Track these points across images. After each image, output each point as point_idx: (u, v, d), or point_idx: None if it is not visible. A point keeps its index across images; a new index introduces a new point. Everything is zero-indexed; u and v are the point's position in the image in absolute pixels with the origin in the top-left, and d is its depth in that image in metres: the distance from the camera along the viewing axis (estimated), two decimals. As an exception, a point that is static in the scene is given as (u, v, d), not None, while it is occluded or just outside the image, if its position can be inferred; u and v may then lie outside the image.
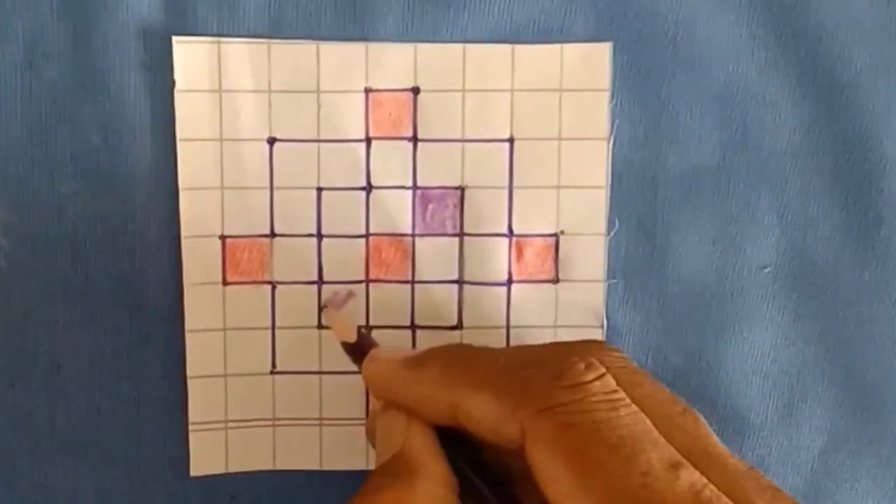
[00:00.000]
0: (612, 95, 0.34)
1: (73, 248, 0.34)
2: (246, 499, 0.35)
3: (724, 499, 0.25)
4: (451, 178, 0.34)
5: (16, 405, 0.34)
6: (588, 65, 0.34)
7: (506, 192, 0.34)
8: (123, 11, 0.33)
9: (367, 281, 0.35)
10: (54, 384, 0.34)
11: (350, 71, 0.33)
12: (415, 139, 0.34)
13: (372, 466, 0.35)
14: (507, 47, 0.34)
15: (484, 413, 0.28)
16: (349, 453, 0.35)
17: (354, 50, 0.33)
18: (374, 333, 0.35)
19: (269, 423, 0.35)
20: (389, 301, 0.35)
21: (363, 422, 0.35)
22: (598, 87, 0.34)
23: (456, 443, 0.30)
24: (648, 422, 0.27)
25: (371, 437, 0.33)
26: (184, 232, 0.34)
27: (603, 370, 0.28)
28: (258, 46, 0.33)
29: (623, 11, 0.33)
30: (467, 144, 0.34)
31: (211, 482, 0.35)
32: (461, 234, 0.35)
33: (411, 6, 0.33)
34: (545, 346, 0.31)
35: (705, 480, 0.26)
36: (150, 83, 0.33)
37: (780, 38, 0.34)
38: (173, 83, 0.33)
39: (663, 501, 0.25)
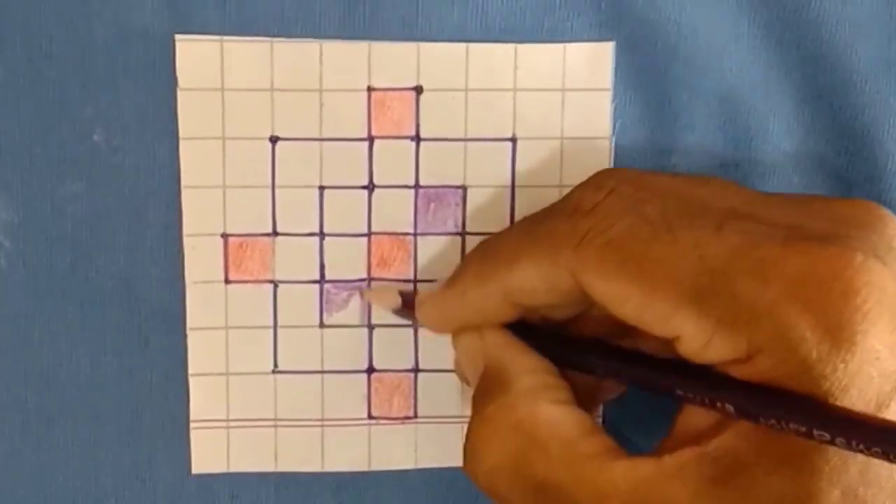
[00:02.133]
0: (615, 95, 0.34)
1: (73, 248, 0.34)
2: (246, 498, 0.35)
3: (774, 235, 0.26)
4: (453, 177, 0.34)
5: (16, 405, 0.34)
6: (590, 64, 0.34)
7: (508, 191, 0.34)
8: (125, 10, 0.32)
9: (369, 279, 0.35)
10: (54, 384, 0.34)
11: (353, 70, 0.33)
12: (417, 138, 0.34)
13: (373, 468, 0.35)
14: (509, 47, 0.33)
15: (532, 280, 0.29)
16: (351, 454, 0.35)
17: (357, 49, 0.33)
18: (376, 332, 0.35)
19: (271, 423, 0.35)
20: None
21: (365, 423, 0.35)
22: (601, 86, 0.34)
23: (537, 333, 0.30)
24: (677, 203, 0.28)
25: (460, 374, 0.33)
26: (186, 230, 0.34)
27: (611, 184, 0.29)
28: (261, 45, 0.33)
29: (625, 11, 0.33)
30: (470, 143, 0.34)
31: (211, 481, 0.35)
32: (463, 233, 0.35)
33: (414, 5, 0.33)
34: (545, 208, 0.31)
35: (751, 225, 0.26)
36: (152, 82, 0.33)
37: (780, 38, 0.34)
38: (176, 82, 0.33)
39: (718, 259, 0.26)
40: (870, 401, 0.25)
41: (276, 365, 0.35)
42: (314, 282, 0.34)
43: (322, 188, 0.34)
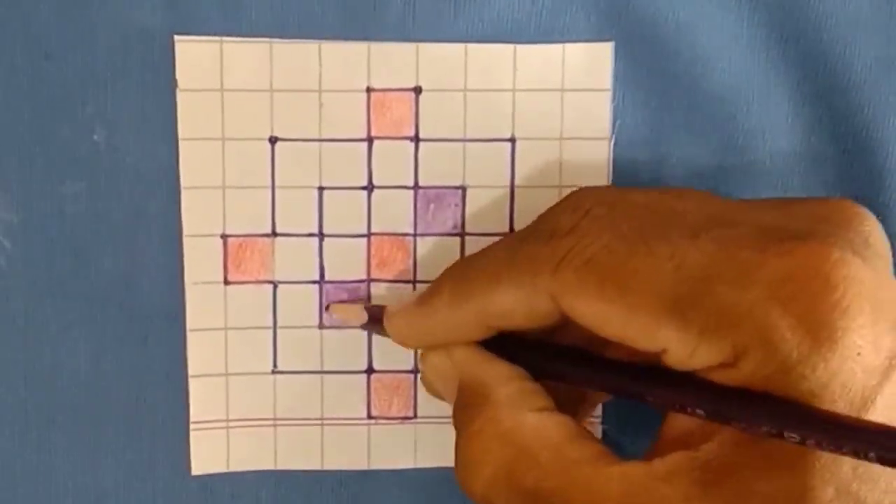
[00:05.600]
0: (614, 95, 0.34)
1: (73, 248, 0.34)
2: (246, 498, 0.35)
3: (751, 238, 0.26)
4: (452, 177, 0.34)
5: (16, 405, 0.34)
6: (590, 65, 0.34)
7: (507, 191, 0.34)
8: (125, 10, 0.32)
9: (369, 280, 0.35)
10: (54, 384, 0.34)
11: (352, 70, 0.33)
12: (416, 139, 0.34)
13: (372, 467, 0.35)
14: (508, 47, 0.34)
15: (510, 303, 0.29)
16: (350, 453, 0.35)
17: (356, 49, 0.33)
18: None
19: (271, 422, 0.35)
20: (390, 300, 0.35)
21: (364, 422, 0.35)
22: (600, 87, 0.34)
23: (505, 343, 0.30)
24: (652, 217, 0.28)
25: (429, 388, 0.33)
26: (185, 231, 0.34)
27: (587, 205, 0.29)
28: (260, 46, 0.33)
29: (625, 11, 0.33)
30: (469, 144, 0.34)
31: (211, 481, 0.35)
32: (463, 234, 0.35)
33: (413, 6, 0.33)
34: (523, 229, 0.31)
35: (728, 230, 0.26)
36: (152, 82, 0.33)
37: (780, 38, 0.34)
38: (175, 82, 0.33)
39: (696, 267, 0.26)
40: (854, 397, 0.25)
41: (275, 365, 0.35)
42: (314, 282, 0.35)
43: (321, 189, 0.34)
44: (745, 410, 0.25)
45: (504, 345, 0.30)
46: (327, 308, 0.35)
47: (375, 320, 0.33)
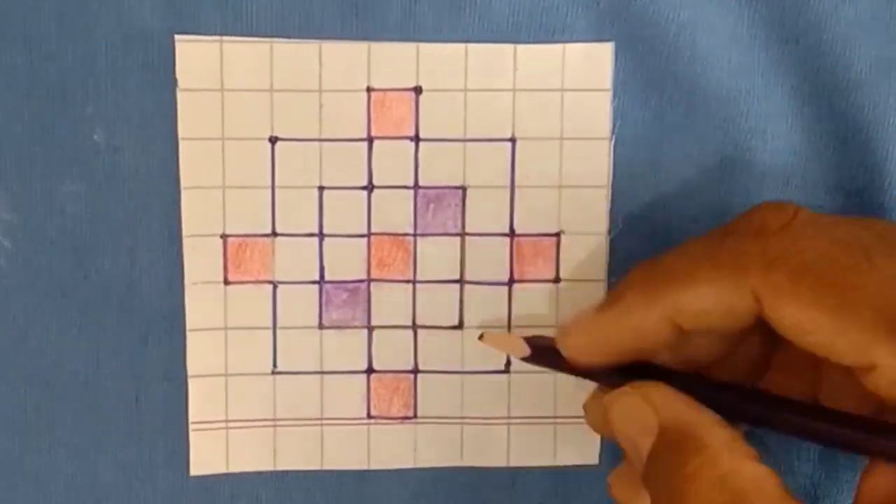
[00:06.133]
0: (614, 95, 0.34)
1: (73, 248, 0.34)
2: (246, 499, 0.35)
3: None
4: (452, 177, 0.34)
5: (16, 405, 0.34)
6: (590, 65, 0.34)
7: (507, 191, 0.34)
8: (125, 10, 0.32)
9: (369, 280, 0.35)
10: (54, 384, 0.34)
11: (352, 70, 0.33)
12: (417, 138, 0.34)
13: (372, 466, 0.35)
14: (509, 47, 0.34)
15: (708, 301, 0.28)
16: (350, 454, 0.35)
17: (356, 49, 0.33)
18: (376, 333, 0.35)
19: (270, 423, 0.35)
20: (391, 301, 0.35)
21: (364, 422, 0.35)
22: (600, 86, 0.34)
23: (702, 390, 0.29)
24: (862, 233, 0.27)
25: (596, 426, 0.32)
26: (185, 231, 0.34)
27: (792, 206, 0.28)
28: (260, 46, 0.33)
29: (625, 11, 0.33)
30: (469, 144, 0.34)
31: (211, 482, 0.35)
32: (462, 234, 0.35)
33: (413, 6, 0.33)
34: (726, 224, 0.30)
35: None
36: (152, 82, 0.33)
37: (780, 38, 0.34)
38: (175, 82, 0.33)
39: None
40: None
41: (275, 366, 0.35)
42: (313, 282, 0.35)
43: (321, 189, 0.34)
44: None
45: (700, 391, 0.29)
46: (480, 337, 0.33)
47: (543, 353, 0.32)
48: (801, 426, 0.29)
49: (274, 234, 0.34)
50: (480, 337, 0.33)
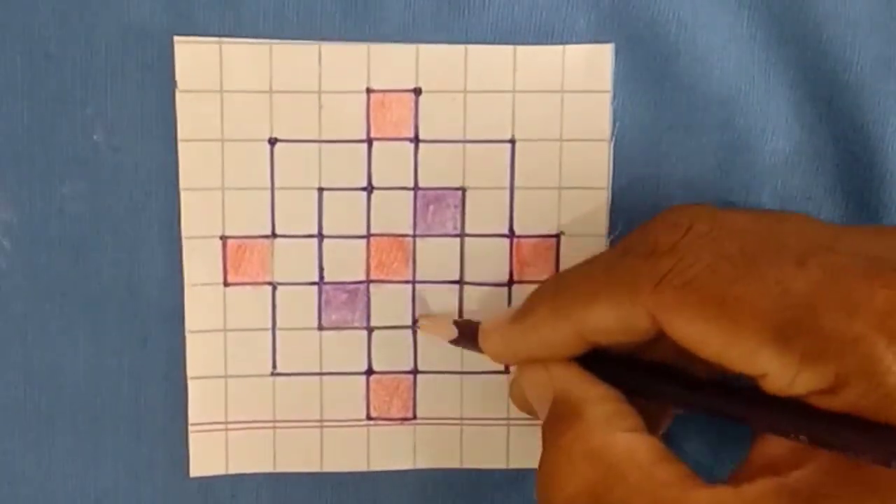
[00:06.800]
0: (614, 96, 0.34)
1: (73, 248, 0.34)
2: (245, 500, 0.35)
3: (856, 267, 0.26)
4: (452, 178, 0.34)
5: (16, 405, 0.34)
6: (590, 66, 0.34)
7: (507, 192, 0.34)
8: (125, 11, 0.33)
9: (368, 281, 0.35)
10: (54, 384, 0.34)
11: (352, 71, 0.33)
12: (416, 140, 0.34)
13: (371, 468, 0.35)
14: (508, 48, 0.34)
15: (609, 320, 0.29)
16: (350, 455, 0.35)
17: (356, 50, 0.33)
18: (375, 334, 0.35)
19: (270, 424, 0.35)
20: (390, 302, 0.35)
21: (363, 423, 0.35)
22: (600, 88, 0.34)
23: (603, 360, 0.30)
24: (755, 240, 0.28)
25: (519, 403, 0.33)
26: (184, 232, 0.34)
27: (687, 222, 0.29)
28: (260, 47, 0.33)
29: (625, 12, 0.33)
30: (469, 145, 0.34)
31: (211, 483, 0.35)
32: (462, 235, 0.35)
33: (413, 7, 0.33)
34: (626, 237, 0.31)
35: (833, 258, 0.26)
36: (151, 83, 0.33)
37: (780, 38, 0.34)
38: (175, 83, 0.33)
39: (802, 294, 0.26)
40: None
41: (274, 367, 0.35)
42: (313, 284, 0.35)
43: (321, 190, 0.34)
44: (855, 437, 0.25)
45: (597, 360, 0.30)
46: (415, 322, 0.35)
47: (467, 336, 0.33)
48: (686, 399, 0.30)
49: (273, 235, 0.34)
50: (415, 322, 0.35)
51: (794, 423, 0.27)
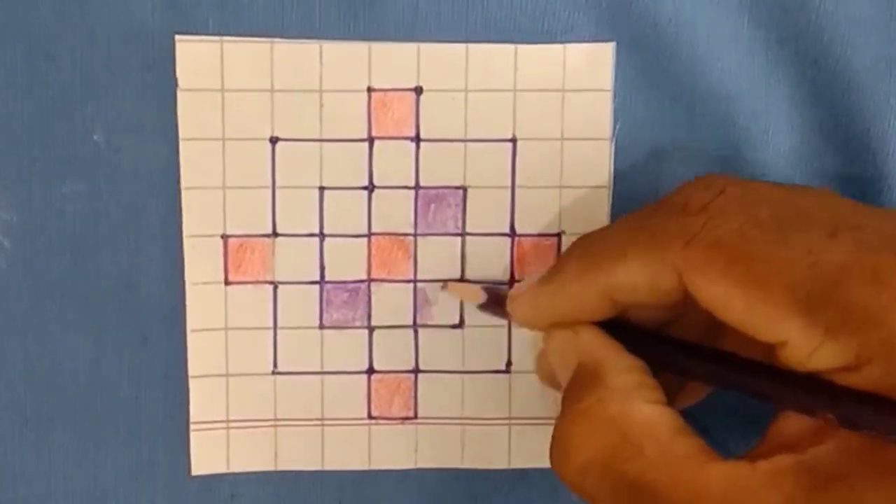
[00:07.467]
0: (615, 96, 0.34)
1: (73, 248, 0.34)
2: (246, 499, 0.35)
3: (885, 243, 0.26)
4: (453, 177, 0.34)
5: (16, 405, 0.34)
6: (591, 65, 0.34)
7: (508, 191, 0.34)
8: (125, 10, 0.32)
9: (369, 280, 0.35)
10: (54, 384, 0.34)
11: (353, 70, 0.33)
12: (417, 139, 0.34)
13: (372, 467, 0.35)
14: (509, 47, 0.33)
15: (636, 276, 0.29)
16: (351, 453, 0.35)
17: (357, 49, 0.33)
18: (376, 333, 0.35)
19: (271, 423, 0.35)
20: (391, 301, 0.35)
21: (364, 422, 0.35)
22: (601, 87, 0.34)
23: (631, 332, 0.30)
24: (787, 209, 0.27)
25: (545, 376, 0.33)
26: (186, 231, 0.34)
27: (721, 184, 0.29)
28: (261, 46, 0.33)
29: (626, 12, 0.33)
30: (470, 144, 0.34)
31: (211, 482, 0.35)
32: (463, 234, 0.35)
33: (414, 6, 0.33)
34: (650, 205, 0.31)
35: (861, 233, 0.26)
36: (152, 82, 0.33)
37: (780, 38, 0.34)
38: (176, 82, 0.33)
39: (831, 265, 0.26)
40: None
41: (275, 366, 0.35)
42: (314, 283, 0.34)
43: (322, 189, 0.34)
44: (879, 417, 0.25)
45: (628, 334, 0.30)
46: (443, 286, 0.34)
47: (496, 302, 0.33)
48: (711, 373, 0.29)
49: (274, 234, 0.34)
50: (443, 286, 0.35)
51: (815, 400, 0.26)
